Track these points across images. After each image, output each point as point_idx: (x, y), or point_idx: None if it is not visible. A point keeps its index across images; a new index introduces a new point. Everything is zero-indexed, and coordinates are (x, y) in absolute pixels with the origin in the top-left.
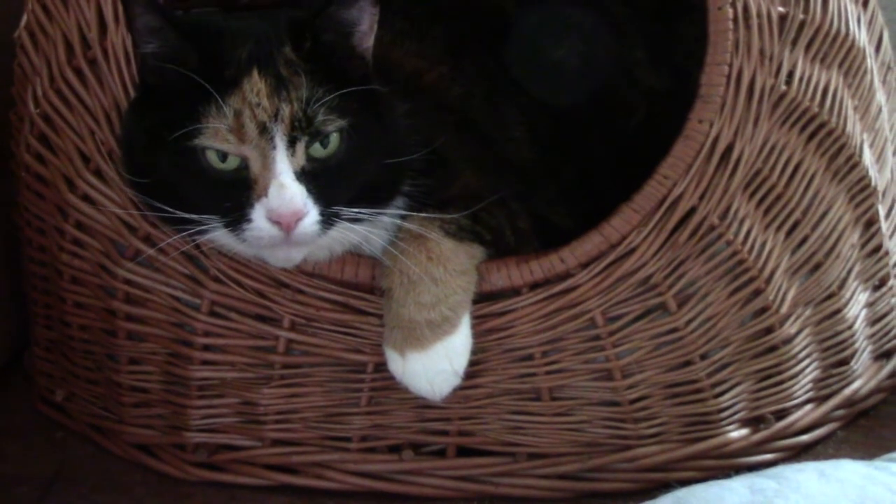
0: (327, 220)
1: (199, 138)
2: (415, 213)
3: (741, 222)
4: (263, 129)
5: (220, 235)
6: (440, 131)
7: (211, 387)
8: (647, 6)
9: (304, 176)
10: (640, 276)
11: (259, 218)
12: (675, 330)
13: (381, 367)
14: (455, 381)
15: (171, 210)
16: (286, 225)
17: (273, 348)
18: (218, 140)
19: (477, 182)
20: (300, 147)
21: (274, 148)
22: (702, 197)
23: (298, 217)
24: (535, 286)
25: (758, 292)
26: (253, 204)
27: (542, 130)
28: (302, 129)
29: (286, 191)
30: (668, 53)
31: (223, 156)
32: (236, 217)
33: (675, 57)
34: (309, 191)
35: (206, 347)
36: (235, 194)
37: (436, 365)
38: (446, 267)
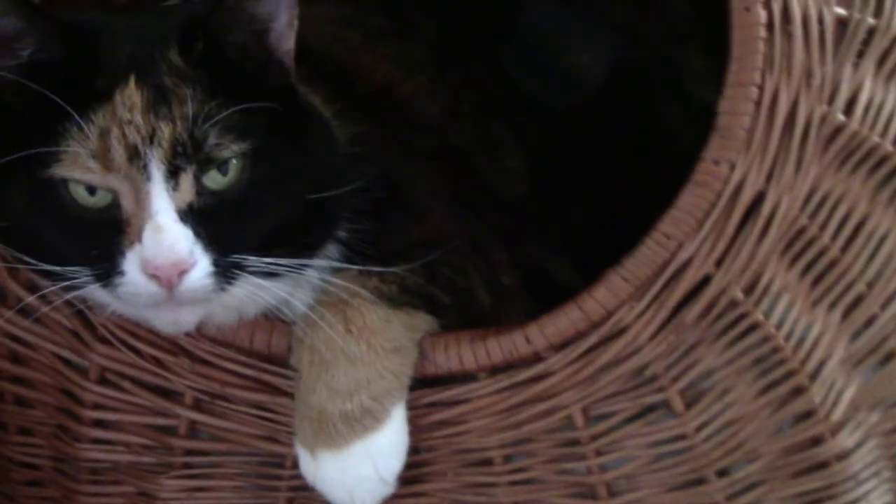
0: (225, 274)
1: (55, 166)
2: (350, 266)
3: (776, 298)
4: (135, 155)
5: (93, 291)
6: (407, 160)
7: (104, 470)
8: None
9: (191, 215)
10: (634, 365)
11: (133, 270)
12: (682, 437)
13: None
14: (383, 490)
15: (31, 261)
16: (166, 279)
17: (174, 429)
18: (78, 168)
19: (449, 225)
20: (186, 178)
21: (148, 179)
22: (719, 263)
23: (182, 269)
24: (495, 371)
25: (799, 391)
26: (125, 252)
27: (546, 159)
28: (187, 156)
29: (165, 235)
30: None
31: (91, 189)
32: (106, 268)
33: None
34: (198, 234)
35: (97, 423)
36: (105, 239)
37: (355, 470)
38: (370, 343)
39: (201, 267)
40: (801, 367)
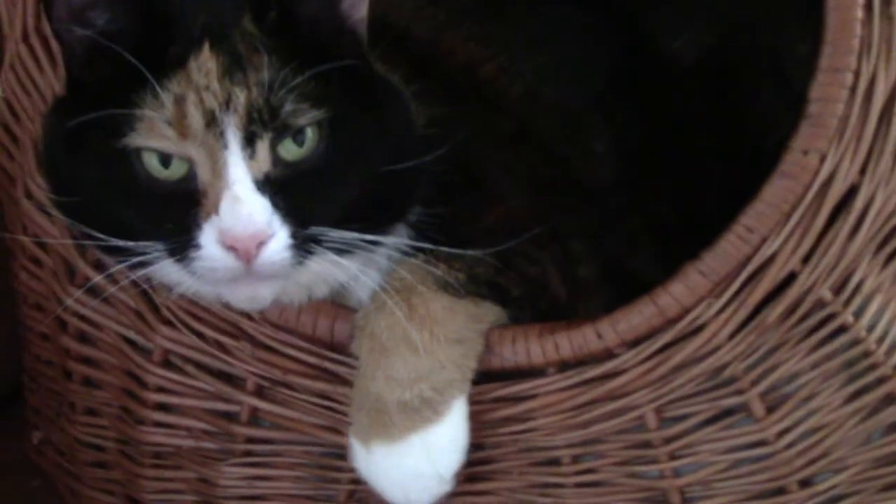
0: (303, 246)
1: (130, 136)
2: (423, 245)
3: (868, 298)
4: (212, 121)
5: (166, 268)
6: (485, 143)
7: (166, 455)
8: None
9: (269, 185)
10: (711, 366)
11: (210, 243)
12: (761, 443)
13: None
14: (439, 487)
15: (102, 237)
16: (244, 251)
17: (236, 415)
18: (154, 136)
19: (526, 213)
20: (262, 146)
21: (225, 147)
22: (806, 260)
23: (260, 240)
24: (564, 367)
25: (891, 399)
26: (201, 224)
27: (633, 145)
28: (263, 123)
29: (242, 206)
30: None
31: (165, 161)
32: (182, 242)
33: None
34: (276, 205)
35: (160, 406)
36: (180, 212)
37: (410, 464)
38: (433, 332)
39: (280, 239)
40: (894, 374)
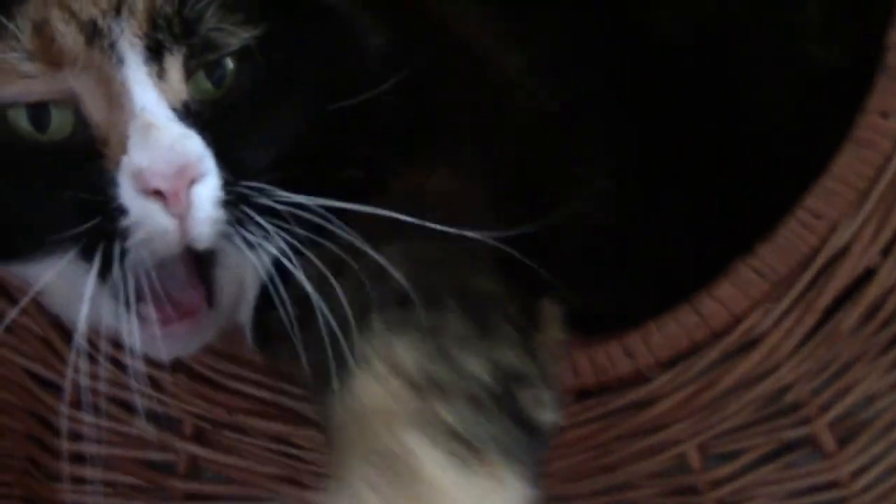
0: (236, 203)
1: None
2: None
3: None
4: (94, 32)
5: (72, 289)
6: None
7: None
8: None
9: (190, 118)
10: (769, 389)
11: (131, 196)
12: (833, 484)
13: None
14: None
15: None
16: (173, 192)
17: (172, 466)
18: (10, 81)
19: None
20: (174, 63)
21: (120, 61)
22: (887, 251)
23: (191, 176)
24: (584, 395)
25: None
26: (113, 178)
27: (636, 158)
28: (173, 34)
29: (159, 132)
30: (854, 16)
31: (40, 118)
32: (98, 225)
33: (864, 21)
34: (205, 141)
35: (77, 457)
36: (80, 181)
37: None
38: None
39: (211, 183)
40: None
